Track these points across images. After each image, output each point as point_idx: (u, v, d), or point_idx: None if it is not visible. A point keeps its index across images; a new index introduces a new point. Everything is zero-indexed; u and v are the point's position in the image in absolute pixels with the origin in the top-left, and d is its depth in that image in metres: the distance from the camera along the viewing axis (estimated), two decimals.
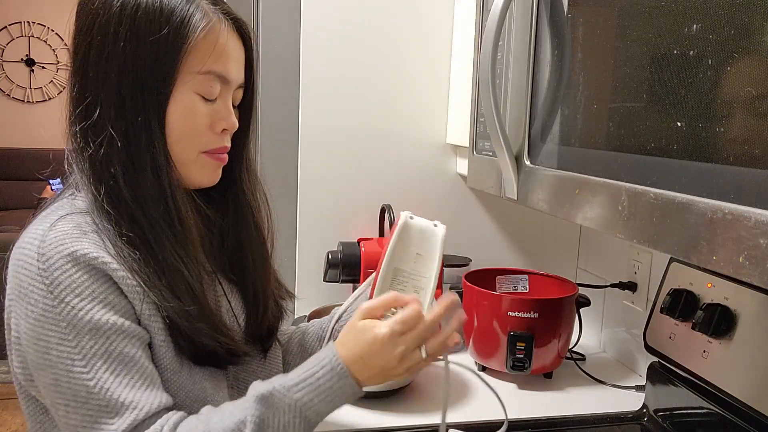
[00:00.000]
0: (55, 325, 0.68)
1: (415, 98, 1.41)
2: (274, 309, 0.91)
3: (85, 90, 0.72)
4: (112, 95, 0.71)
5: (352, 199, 1.41)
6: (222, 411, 0.70)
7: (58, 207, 0.75)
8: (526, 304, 1.15)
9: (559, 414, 1.09)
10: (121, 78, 0.71)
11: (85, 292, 0.68)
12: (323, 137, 1.39)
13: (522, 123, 0.85)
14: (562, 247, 1.53)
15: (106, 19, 0.71)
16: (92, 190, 0.73)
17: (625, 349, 1.32)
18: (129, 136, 0.72)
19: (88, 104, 0.72)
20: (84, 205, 0.74)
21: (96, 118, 0.72)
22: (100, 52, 0.71)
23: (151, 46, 0.71)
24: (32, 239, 0.70)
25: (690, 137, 0.54)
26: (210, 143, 0.78)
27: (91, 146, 0.72)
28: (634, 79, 0.62)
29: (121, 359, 0.69)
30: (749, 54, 0.48)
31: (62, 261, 0.68)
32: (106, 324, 0.68)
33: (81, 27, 0.73)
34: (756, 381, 0.85)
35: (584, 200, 0.70)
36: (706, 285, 0.95)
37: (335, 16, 1.35)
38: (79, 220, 0.71)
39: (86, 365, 0.67)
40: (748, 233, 0.47)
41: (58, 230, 0.70)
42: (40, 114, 5.10)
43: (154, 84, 0.72)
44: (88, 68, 0.72)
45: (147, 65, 0.71)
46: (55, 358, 0.68)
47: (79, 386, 0.67)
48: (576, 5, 0.74)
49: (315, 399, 0.69)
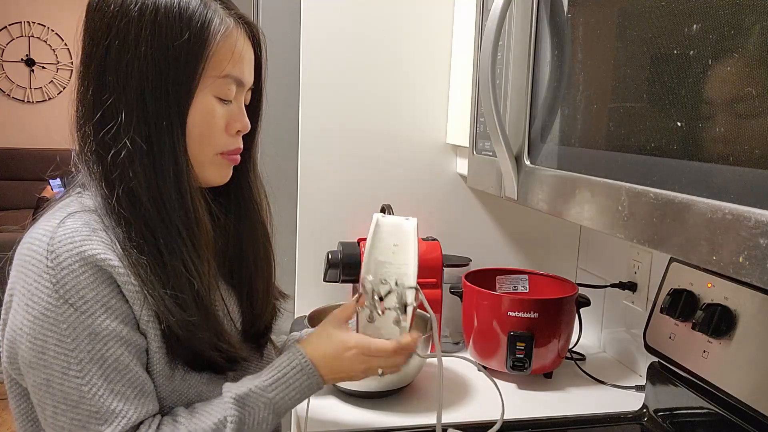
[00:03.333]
0: (55, 325, 0.67)
1: (415, 98, 1.41)
2: (272, 309, 0.92)
3: (102, 93, 0.72)
4: (134, 99, 0.71)
5: (352, 199, 1.41)
6: (198, 412, 0.74)
7: (66, 204, 0.74)
8: (526, 304, 1.15)
9: (559, 414, 1.09)
10: (143, 82, 0.71)
11: (88, 295, 0.68)
12: (323, 137, 1.39)
13: (522, 123, 0.85)
14: (562, 247, 1.53)
15: (125, 23, 0.71)
16: (104, 192, 0.72)
17: (625, 349, 1.32)
18: (152, 139, 0.72)
19: (107, 108, 0.72)
20: (92, 203, 0.74)
21: (117, 122, 0.71)
22: (120, 57, 0.71)
23: (174, 50, 0.71)
24: (41, 236, 0.70)
25: (690, 137, 0.54)
26: (226, 145, 0.79)
27: (108, 149, 0.72)
28: (634, 79, 0.62)
29: (115, 366, 0.69)
30: (749, 54, 0.48)
31: (71, 260, 0.68)
32: (106, 330, 0.69)
33: (95, 30, 0.73)
34: (756, 381, 0.85)
35: (584, 200, 0.70)
36: (706, 285, 0.95)
37: (335, 16, 1.35)
38: (87, 218, 0.71)
39: (81, 369, 0.68)
40: (748, 233, 0.47)
41: (67, 227, 0.69)
42: (40, 114, 5.10)
43: (177, 88, 0.72)
44: (105, 72, 0.72)
45: (170, 69, 0.72)
46: (50, 358, 0.68)
47: (72, 389, 0.68)
48: (576, 5, 0.74)
49: (286, 396, 0.78)
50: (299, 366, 0.80)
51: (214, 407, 0.75)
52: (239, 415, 0.74)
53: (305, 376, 0.80)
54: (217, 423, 0.73)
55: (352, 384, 1.10)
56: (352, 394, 1.12)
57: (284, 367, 0.80)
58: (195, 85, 0.73)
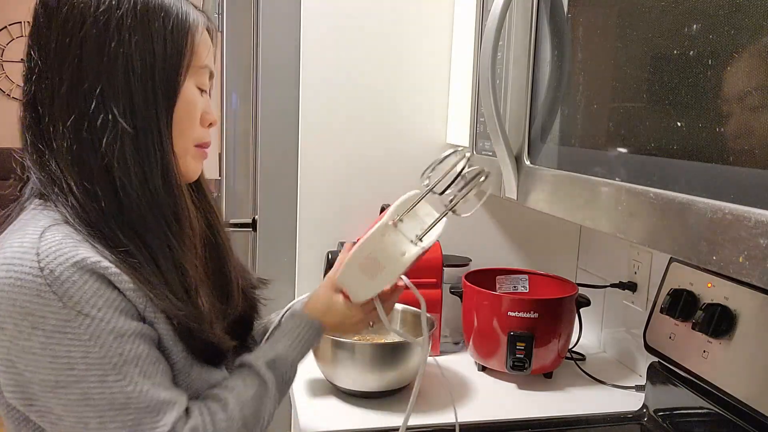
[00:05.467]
0: (76, 338, 0.65)
1: (415, 98, 1.41)
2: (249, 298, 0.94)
3: (81, 88, 0.69)
4: (120, 91, 0.69)
5: (352, 198, 1.41)
6: (237, 385, 0.79)
7: (32, 218, 0.70)
8: (526, 304, 1.15)
9: (559, 414, 1.09)
10: (129, 72, 0.69)
11: (99, 301, 0.66)
12: (323, 137, 1.38)
13: (522, 123, 0.85)
14: (562, 247, 1.53)
15: (103, 11, 0.68)
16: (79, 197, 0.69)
17: (625, 349, 1.32)
18: (139, 130, 0.70)
19: (92, 103, 0.69)
20: (60, 216, 0.69)
21: (104, 116, 0.69)
22: (100, 47, 0.69)
23: (160, 40, 0.71)
24: (21, 254, 0.65)
25: (690, 137, 0.54)
26: (201, 137, 0.79)
27: (91, 146, 0.69)
28: (634, 79, 0.62)
29: (149, 361, 0.70)
30: (749, 54, 0.48)
31: (68, 272, 0.65)
32: (128, 330, 0.68)
33: (65, 20, 0.69)
34: (756, 381, 0.85)
35: (584, 200, 0.70)
36: (706, 285, 0.95)
37: (335, 16, 1.35)
38: (65, 230, 0.68)
39: (119, 373, 0.67)
40: (748, 233, 0.47)
41: (49, 240, 0.66)
42: None
43: (165, 76, 0.71)
44: (85, 65, 0.69)
45: (156, 59, 0.71)
46: (82, 372, 0.66)
47: (116, 394, 0.67)
48: (576, 5, 0.74)
49: (301, 354, 0.87)
50: (308, 325, 0.88)
51: (251, 377, 0.80)
52: (275, 378, 0.82)
53: (314, 332, 0.89)
54: (258, 389, 0.80)
55: (352, 384, 1.10)
56: (352, 394, 1.12)
57: (296, 329, 0.88)
58: (183, 73, 0.73)
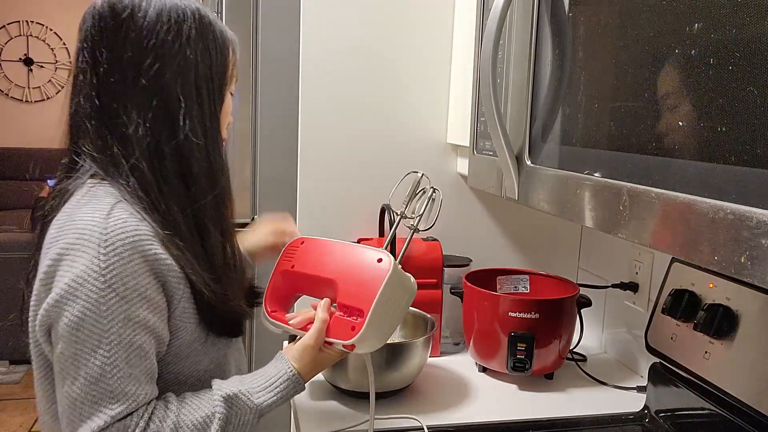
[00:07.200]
0: (96, 307, 0.73)
1: (415, 98, 1.41)
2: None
3: (157, 84, 0.80)
4: (192, 90, 0.82)
5: (352, 199, 1.41)
6: (188, 403, 0.80)
7: (106, 193, 0.78)
8: (527, 305, 1.14)
9: (560, 415, 1.09)
10: (198, 75, 0.82)
11: (130, 282, 0.74)
12: (323, 137, 1.38)
13: (523, 122, 0.85)
14: (563, 247, 1.53)
15: (176, 21, 0.81)
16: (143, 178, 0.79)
17: (627, 349, 1.32)
18: (205, 125, 0.83)
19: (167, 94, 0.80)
20: (117, 193, 0.79)
21: (178, 112, 0.80)
22: (175, 52, 0.80)
23: (215, 51, 0.84)
24: (92, 225, 0.74)
25: (691, 137, 0.54)
26: (225, 133, 0.91)
27: (168, 134, 0.80)
28: (635, 79, 0.62)
29: (138, 353, 0.75)
30: (750, 53, 0.47)
31: (122, 248, 0.74)
32: (138, 318, 0.75)
33: (139, 28, 0.79)
34: (758, 382, 0.85)
35: (585, 200, 0.69)
36: (708, 285, 0.95)
37: (335, 16, 1.35)
38: (129, 208, 0.77)
39: (109, 350, 0.73)
40: (750, 233, 0.46)
41: (117, 217, 0.75)
42: (38, 113, 5.10)
43: (219, 83, 0.85)
44: (161, 67, 0.80)
45: (214, 66, 0.84)
46: (84, 335, 0.73)
47: (95, 367, 0.73)
48: (577, 4, 0.74)
49: (273, 404, 0.84)
50: (285, 375, 0.86)
51: (204, 401, 0.80)
52: (226, 414, 0.80)
53: (293, 384, 0.86)
54: (204, 417, 0.79)
55: (353, 384, 1.10)
56: (352, 394, 1.12)
57: (272, 376, 0.86)
58: (229, 75, 0.87)
